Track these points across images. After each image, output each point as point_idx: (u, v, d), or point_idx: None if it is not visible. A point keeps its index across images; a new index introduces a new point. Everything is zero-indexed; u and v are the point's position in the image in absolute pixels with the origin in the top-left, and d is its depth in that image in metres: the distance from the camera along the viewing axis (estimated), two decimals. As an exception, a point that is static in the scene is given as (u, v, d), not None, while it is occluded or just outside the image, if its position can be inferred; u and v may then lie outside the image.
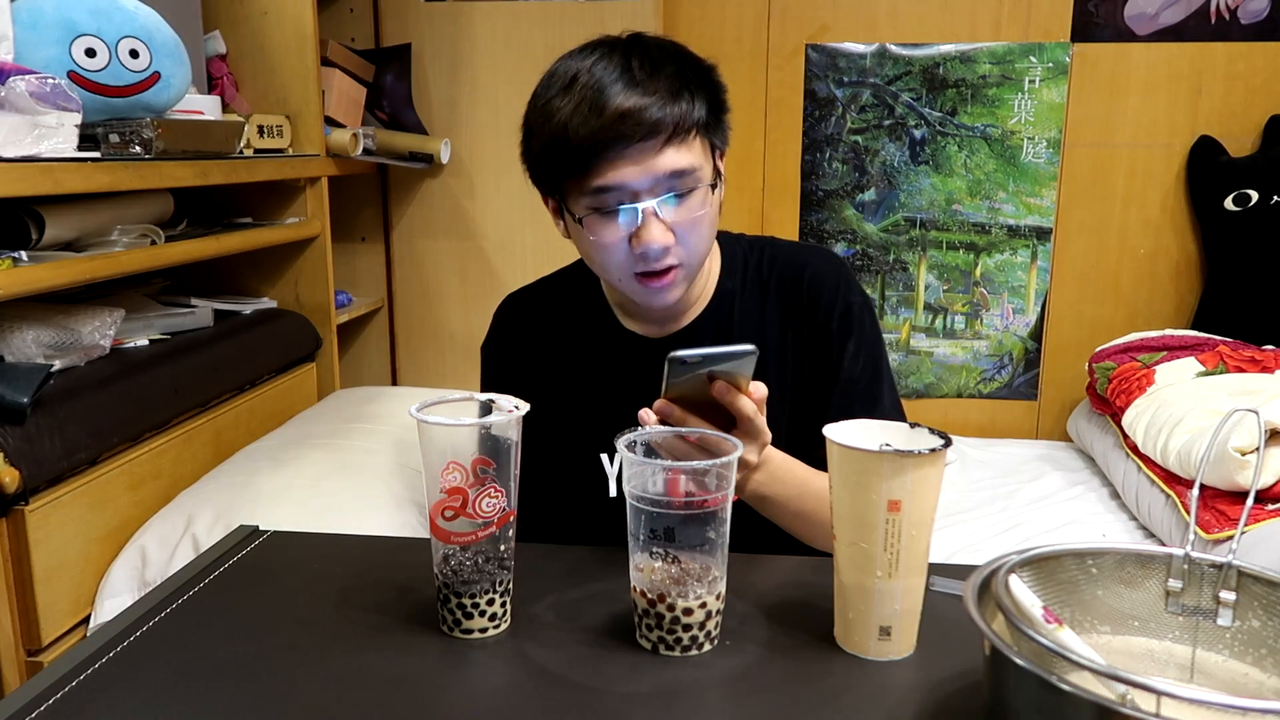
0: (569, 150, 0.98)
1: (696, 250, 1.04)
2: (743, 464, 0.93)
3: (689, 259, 1.04)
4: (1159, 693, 0.54)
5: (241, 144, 1.78)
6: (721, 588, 0.78)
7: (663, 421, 0.89)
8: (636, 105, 0.96)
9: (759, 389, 0.91)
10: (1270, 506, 1.56)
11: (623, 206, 0.99)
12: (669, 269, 1.02)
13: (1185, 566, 0.72)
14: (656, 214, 0.99)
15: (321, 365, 2.12)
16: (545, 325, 1.18)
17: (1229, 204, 2.29)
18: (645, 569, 0.77)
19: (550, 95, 1.00)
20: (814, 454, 1.05)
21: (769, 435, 0.94)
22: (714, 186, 1.04)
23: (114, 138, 1.43)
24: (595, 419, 1.13)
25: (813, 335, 1.14)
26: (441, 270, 2.47)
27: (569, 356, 1.16)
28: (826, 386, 1.12)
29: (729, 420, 0.90)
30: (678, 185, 1.00)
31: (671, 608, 0.76)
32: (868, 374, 1.13)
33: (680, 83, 1.00)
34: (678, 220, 1.00)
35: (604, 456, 1.14)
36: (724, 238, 1.19)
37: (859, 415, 1.13)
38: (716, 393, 0.88)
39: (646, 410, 0.89)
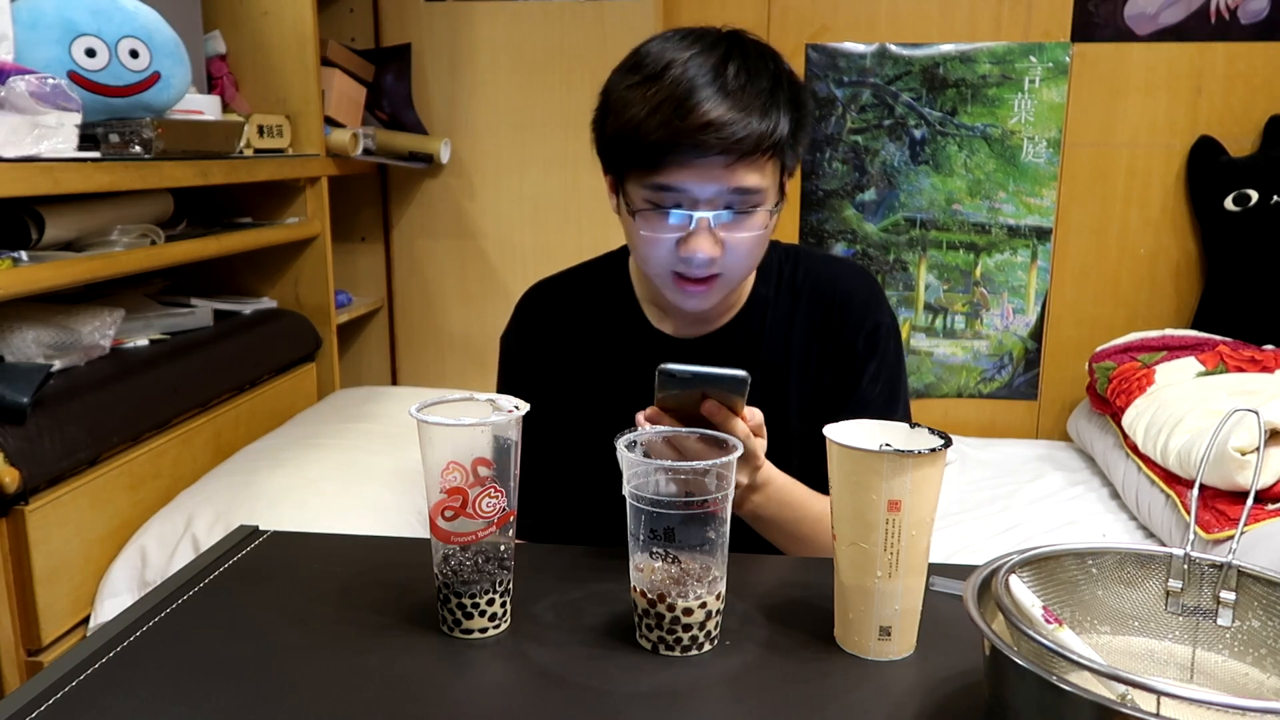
0: (643, 145, 0.96)
1: (741, 266, 1.03)
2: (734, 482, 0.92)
3: (731, 272, 1.02)
4: (1159, 693, 0.54)
5: (241, 144, 1.78)
6: (721, 588, 0.78)
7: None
8: (721, 118, 0.93)
9: (754, 415, 0.90)
10: (1270, 506, 1.56)
11: (679, 210, 0.98)
12: (711, 276, 1.01)
13: (1185, 566, 0.72)
14: (710, 225, 0.97)
15: (321, 365, 2.12)
16: (570, 319, 1.16)
17: (1229, 204, 2.29)
18: (645, 569, 0.77)
19: (638, 79, 0.97)
20: (825, 466, 1.05)
21: (762, 460, 0.94)
22: (774, 208, 1.02)
23: (114, 138, 1.43)
24: (618, 418, 1.12)
25: (837, 349, 1.13)
26: (441, 270, 2.47)
27: (594, 352, 1.14)
28: (841, 403, 1.11)
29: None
30: (739, 202, 0.98)
31: (671, 608, 0.76)
32: (883, 397, 1.12)
33: (771, 100, 0.97)
34: (730, 236, 0.99)
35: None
36: None
37: None
38: (706, 412, 0.88)
39: (641, 413, 0.90)
